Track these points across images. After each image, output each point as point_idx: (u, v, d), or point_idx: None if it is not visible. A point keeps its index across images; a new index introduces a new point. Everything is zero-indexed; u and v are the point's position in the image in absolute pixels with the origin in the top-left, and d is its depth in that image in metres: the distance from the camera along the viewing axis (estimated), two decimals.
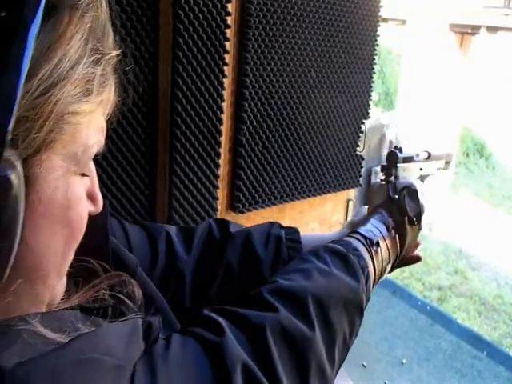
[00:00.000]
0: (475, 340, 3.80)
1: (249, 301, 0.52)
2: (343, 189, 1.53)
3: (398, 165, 0.78)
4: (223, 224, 0.74)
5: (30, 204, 0.35)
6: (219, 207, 1.21)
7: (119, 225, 0.65)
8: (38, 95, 0.34)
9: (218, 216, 1.22)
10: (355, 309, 0.57)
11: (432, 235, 5.74)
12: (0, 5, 0.30)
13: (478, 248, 5.41)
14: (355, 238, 0.67)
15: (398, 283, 4.63)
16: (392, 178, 0.76)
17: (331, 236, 0.78)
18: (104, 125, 0.42)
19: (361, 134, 1.53)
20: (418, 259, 0.78)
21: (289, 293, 0.53)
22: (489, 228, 5.92)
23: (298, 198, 1.40)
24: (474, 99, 7.03)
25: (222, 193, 1.23)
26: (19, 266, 0.35)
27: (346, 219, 1.62)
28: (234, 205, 1.26)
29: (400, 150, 0.79)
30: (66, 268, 0.42)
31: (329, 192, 1.49)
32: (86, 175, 0.41)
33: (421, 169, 0.84)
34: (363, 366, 3.25)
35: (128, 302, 0.47)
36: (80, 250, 0.44)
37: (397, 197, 0.74)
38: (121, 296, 0.46)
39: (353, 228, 0.76)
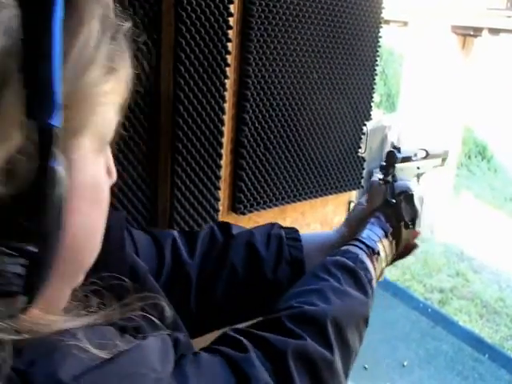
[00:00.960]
0: (477, 343, 3.80)
1: (268, 326, 0.53)
2: (345, 190, 1.53)
3: (396, 165, 0.78)
4: (225, 226, 0.75)
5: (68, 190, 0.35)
6: (221, 208, 1.21)
7: (126, 231, 0.65)
8: (71, 81, 0.33)
9: (220, 217, 1.22)
10: (364, 323, 0.59)
11: (433, 237, 5.73)
12: None
13: (479, 250, 5.40)
14: (359, 247, 0.68)
15: (400, 285, 4.63)
16: (390, 178, 0.77)
17: (330, 235, 0.80)
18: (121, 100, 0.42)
19: (362, 136, 1.53)
20: (413, 247, 0.79)
21: (308, 318, 0.54)
22: (490, 230, 5.91)
23: (299, 200, 1.40)
24: (476, 101, 7.02)
25: (223, 194, 1.23)
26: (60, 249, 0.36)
27: None
28: (236, 206, 1.26)
29: (398, 149, 0.79)
30: (99, 246, 0.43)
31: (330, 193, 1.49)
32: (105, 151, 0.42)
33: (418, 167, 0.84)
34: (364, 368, 3.24)
35: (158, 322, 0.48)
36: (98, 263, 0.45)
37: (394, 201, 0.75)
38: (151, 317, 0.47)
39: (350, 225, 0.78)
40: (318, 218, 1.51)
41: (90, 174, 0.38)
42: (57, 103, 0.30)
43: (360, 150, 1.54)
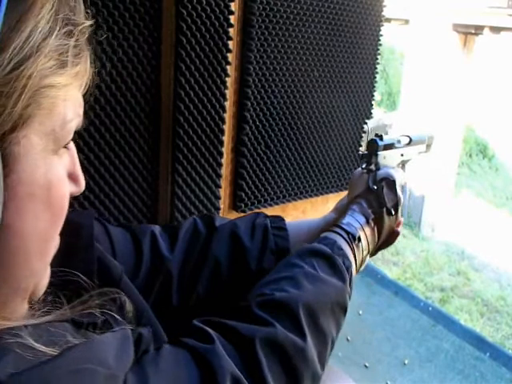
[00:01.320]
0: (478, 341, 3.80)
1: (239, 314, 0.52)
2: (345, 189, 1.53)
3: (379, 152, 0.77)
4: (208, 219, 0.73)
5: (10, 185, 0.34)
6: (221, 206, 1.21)
7: (102, 228, 0.64)
8: (10, 69, 0.33)
9: (221, 215, 1.21)
10: (341, 310, 0.58)
11: (434, 236, 5.73)
12: None
13: (480, 249, 5.40)
14: (338, 233, 0.67)
15: (400, 284, 4.63)
16: (372, 167, 0.76)
17: (317, 222, 0.79)
18: (81, 98, 0.41)
19: (363, 134, 1.53)
20: (397, 235, 0.78)
21: (279, 305, 0.52)
22: (491, 229, 5.90)
23: (300, 198, 1.40)
24: (477, 100, 7.01)
25: (224, 192, 1.23)
26: (3, 251, 0.35)
27: None
28: (237, 204, 1.26)
29: (380, 137, 0.78)
30: (51, 253, 0.41)
31: (331, 192, 1.49)
32: (66, 148, 0.40)
33: (402, 154, 0.83)
34: (365, 366, 3.25)
35: (118, 317, 0.46)
36: (66, 261, 0.44)
37: (376, 188, 0.74)
38: (111, 313, 0.46)
39: (339, 212, 0.78)
40: (318, 216, 1.51)
41: (41, 173, 0.37)
42: None
43: (361, 149, 1.53)
